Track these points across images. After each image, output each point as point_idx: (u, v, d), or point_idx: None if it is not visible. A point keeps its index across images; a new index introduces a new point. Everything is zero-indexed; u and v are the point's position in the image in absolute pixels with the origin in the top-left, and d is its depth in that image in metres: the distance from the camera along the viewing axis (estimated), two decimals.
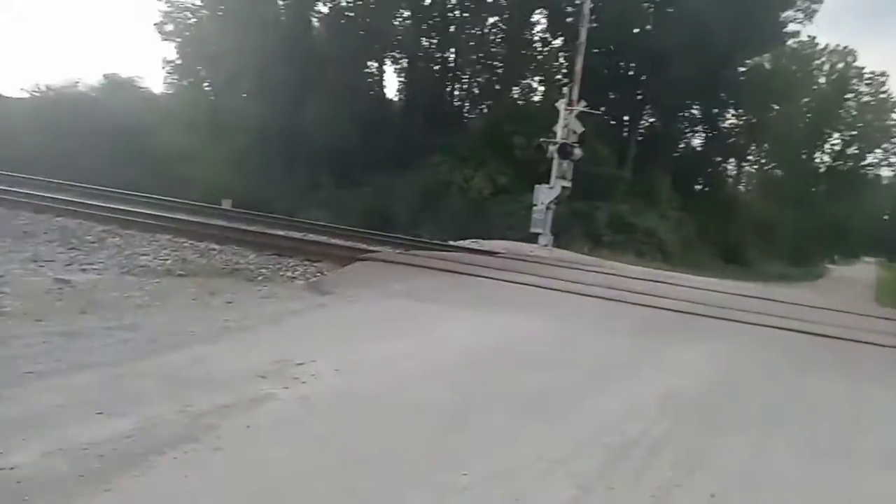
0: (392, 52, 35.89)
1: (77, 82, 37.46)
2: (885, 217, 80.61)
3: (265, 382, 4.10)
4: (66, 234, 10.34)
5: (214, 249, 10.11)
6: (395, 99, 37.26)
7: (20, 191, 14.28)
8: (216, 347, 4.89)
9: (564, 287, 9.26)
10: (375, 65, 35.74)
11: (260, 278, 8.85)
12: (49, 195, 13.97)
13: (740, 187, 51.38)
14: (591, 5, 19.54)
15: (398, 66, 36.88)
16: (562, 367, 5.38)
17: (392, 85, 43.79)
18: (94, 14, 73.54)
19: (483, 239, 16.96)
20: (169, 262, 9.13)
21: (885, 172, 62.50)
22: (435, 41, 36.37)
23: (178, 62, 36.42)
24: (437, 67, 36.77)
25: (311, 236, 13.20)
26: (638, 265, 15.88)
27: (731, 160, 49.29)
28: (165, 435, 3.22)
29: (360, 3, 33.97)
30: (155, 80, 50.15)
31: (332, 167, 29.44)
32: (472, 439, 3.61)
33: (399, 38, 35.05)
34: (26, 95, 37.23)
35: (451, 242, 15.59)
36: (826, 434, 4.41)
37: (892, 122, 58.76)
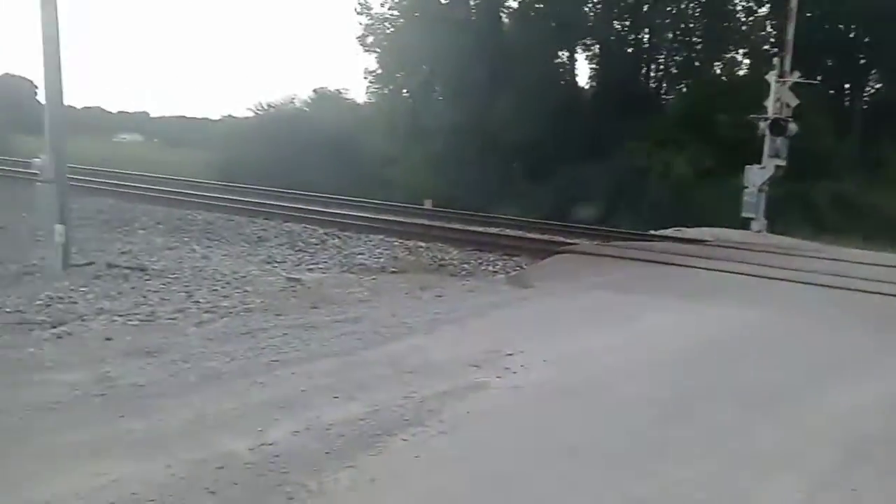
0: (583, 39, 35.28)
1: (293, 98, 41.24)
2: None
3: (479, 371, 4.31)
4: (293, 238, 11.48)
5: (421, 247, 10.68)
6: (587, 87, 36.59)
7: (253, 200, 16.09)
8: (431, 338, 5.21)
9: (782, 276, 8.58)
10: (566, 54, 35.34)
11: (463, 273, 9.21)
12: (276, 203, 15.58)
13: None
14: None
15: (589, 53, 36.17)
16: (786, 360, 5.02)
17: (584, 73, 43.28)
18: (304, 34, 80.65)
19: (687, 227, 16.16)
20: (382, 259, 9.81)
21: None
22: (627, 23, 35.17)
23: (379, 71, 38.74)
24: (630, 50, 35.52)
25: (508, 231, 13.45)
26: (867, 250, 14.21)
27: None
28: (395, 418, 3.52)
29: None
30: (358, 91, 53.89)
31: (525, 161, 29.66)
32: (692, 433, 3.52)
33: (590, 24, 34.37)
34: (251, 114, 41.74)
35: (652, 232, 15.05)
36: None
37: None
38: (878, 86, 37.28)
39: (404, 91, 37.61)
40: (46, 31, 7.43)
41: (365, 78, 39.92)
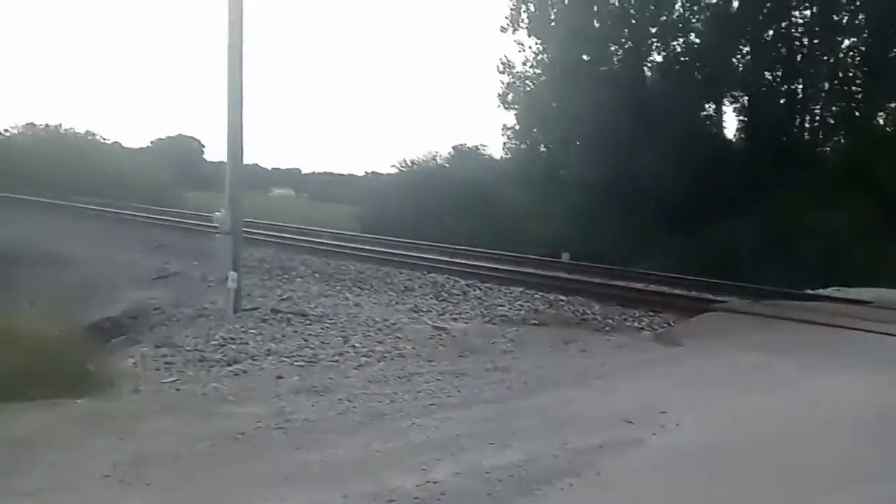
0: (731, 91, 34.26)
1: (435, 155, 42.92)
2: None
3: (633, 428, 4.31)
4: (437, 288, 11.87)
5: (562, 300, 10.69)
6: (734, 139, 35.31)
7: (398, 252, 16.83)
8: (581, 392, 5.25)
9: None
10: (712, 106, 34.42)
11: (607, 328, 9.11)
12: (420, 255, 16.20)
13: None
14: None
15: (737, 105, 34.99)
16: None
17: (731, 125, 41.78)
18: (443, 93, 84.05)
19: (847, 286, 15.05)
20: (523, 312, 9.93)
21: None
22: (779, 74, 33.75)
23: (517, 127, 39.57)
24: (782, 101, 33.97)
25: (652, 286, 13.15)
26: None
27: None
28: (550, 467, 3.61)
29: (697, 46, 33.23)
30: (496, 146, 55.08)
31: (668, 215, 28.87)
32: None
33: (738, 75, 33.35)
34: (395, 170, 43.81)
35: (809, 291, 14.15)
36: None
37: None
38: None
39: (541, 146, 38.10)
40: (231, 97, 8.38)
41: (503, 134, 40.88)
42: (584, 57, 33.89)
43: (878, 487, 3.54)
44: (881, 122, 33.87)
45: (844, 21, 32.13)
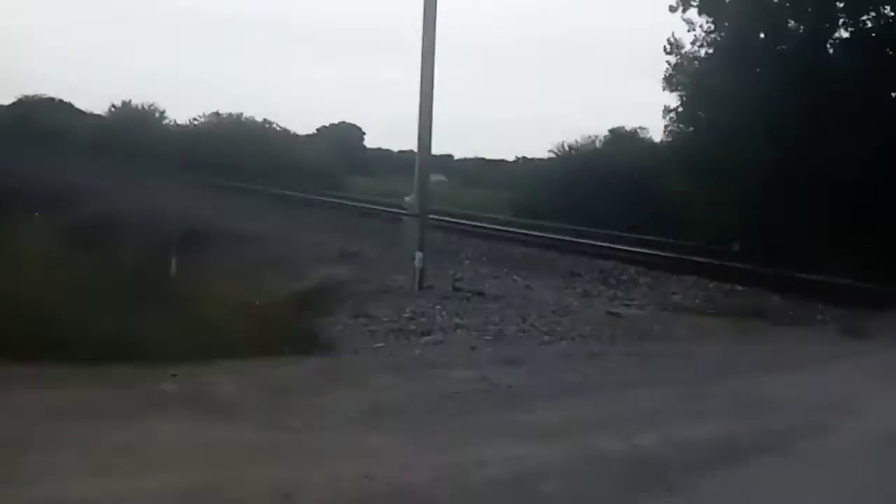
0: None
1: (595, 139, 42.33)
2: None
3: (825, 413, 4.39)
4: (604, 274, 12.02)
5: (738, 290, 10.50)
6: None
7: (560, 237, 17.07)
8: (768, 378, 5.35)
9: None
10: None
11: (786, 321, 8.88)
12: (584, 240, 16.35)
13: None
14: None
15: None
16: None
17: None
18: (599, 73, 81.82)
19: None
20: (698, 301, 9.88)
21: None
22: None
23: (680, 109, 38.18)
24: None
25: (837, 279, 12.46)
26: None
27: None
28: (749, 443, 3.84)
29: (891, 20, 30.37)
30: (655, 129, 53.23)
31: (852, 203, 26.76)
32: None
33: None
34: (552, 155, 43.73)
35: None
36: None
37: None
38: None
39: (708, 129, 36.52)
40: (424, 87, 9.05)
41: (664, 116, 39.55)
42: (761, 35, 32.03)
43: None
44: None
45: None
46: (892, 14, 30.43)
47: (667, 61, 38.41)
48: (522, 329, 7.22)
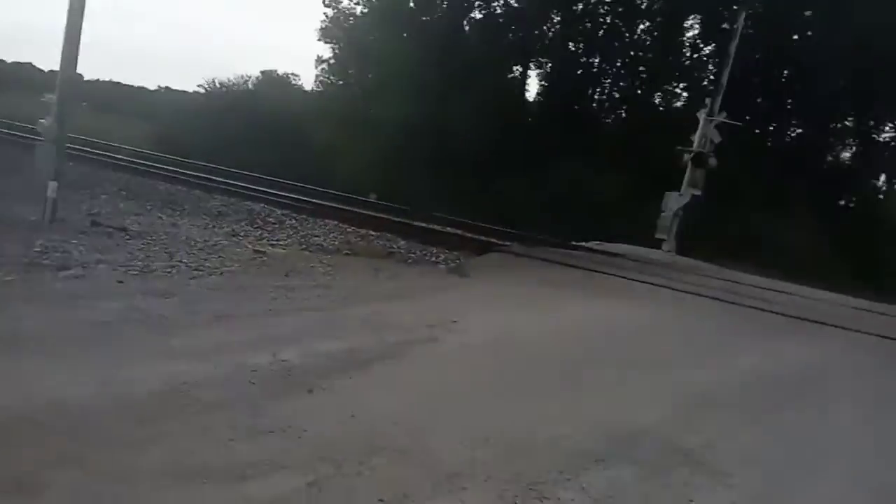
0: (538, 56, 37.00)
1: (247, 79, 41.44)
2: None
3: (433, 330, 5.58)
4: (252, 215, 12.42)
5: (372, 235, 11.83)
6: (534, 101, 38.36)
7: (208, 176, 16.84)
8: (391, 306, 6.44)
9: (679, 287, 10.19)
10: (520, 69, 37.02)
11: (410, 261, 10.42)
12: (232, 182, 16.39)
13: (890, 206, 48.05)
14: (746, 13, 19.76)
15: (541, 71, 37.94)
16: (668, 344, 6.51)
17: (533, 88, 45.07)
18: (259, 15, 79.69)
19: (607, 241, 17.82)
20: (337, 243, 10.92)
21: None
22: (581, 46, 37.04)
23: (332, 62, 39.51)
24: (579, 72, 37.49)
25: (450, 229, 14.73)
26: (760, 276, 16.18)
27: (883, 176, 46.31)
28: (373, 353, 4.74)
29: (515, 8, 35.40)
30: (307, 78, 54.04)
31: (470, 165, 31.07)
32: (586, 383, 4.88)
33: (546, 42, 36.12)
34: (200, 90, 41.74)
35: (577, 243, 16.61)
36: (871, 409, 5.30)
37: None
38: (798, 130, 40.66)
39: (357, 84, 38.48)
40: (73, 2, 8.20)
41: (317, 66, 40.56)
42: (411, 3, 34.77)
43: (594, 371, 5.12)
44: (657, 101, 38.76)
45: (643, 6, 36.03)
46: (517, 4, 35.46)
47: (324, 13, 39.08)
48: (171, 265, 7.29)
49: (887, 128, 42.02)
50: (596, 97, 38.79)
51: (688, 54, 37.68)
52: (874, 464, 4.19)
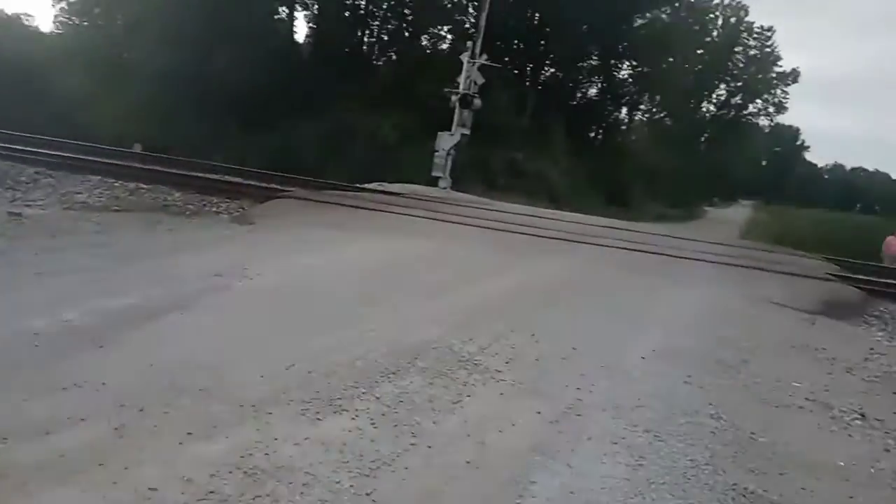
0: None
1: None
2: (763, 163, 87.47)
3: (224, 278, 5.62)
4: (0, 176, 11.10)
5: (143, 189, 11.17)
6: (304, 44, 37.52)
7: None
8: (176, 259, 6.33)
9: (455, 220, 11.02)
10: (286, 11, 35.83)
11: (188, 213, 10.09)
12: None
13: (632, 136, 54.63)
14: None
15: (308, 13, 37.06)
16: (446, 271, 7.15)
17: (302, 31, 43.66)
18: None
19: (389, 182, 18.42)
20: (104, 199, 10.22)
21: (763, 121, 67.43)
22: None
23: (72, 1, 35.30)
24: (347, 14, 37.18)
25: (227, 177, 14.28)
26: (525, 206, 17.82)
27: (624, 110, 52.35)
28: (166, 304, 4.72)
29: None
30: (45, 20, 47.58)
31: (241, 112, 29.86)
32: (376, 311, 5.28)
33: None
34: None
35: (359, 185, 16.99)
36: (613, 304, 6.40)
37: (774, 75, 63.21)
38: (552, 70, 44.27)
39: (104, 27, 34.84)
40: None
41: (55, 6, 36.02)
42: None
43: (383, 301, 5.55)
44: (425, 43, 39.78)
45: None
46: None
47: None
48: None
49: (624, 66, 47.41)
50: (366, 39, 38.92)
51: None
52: (617, 351, 5.09)
